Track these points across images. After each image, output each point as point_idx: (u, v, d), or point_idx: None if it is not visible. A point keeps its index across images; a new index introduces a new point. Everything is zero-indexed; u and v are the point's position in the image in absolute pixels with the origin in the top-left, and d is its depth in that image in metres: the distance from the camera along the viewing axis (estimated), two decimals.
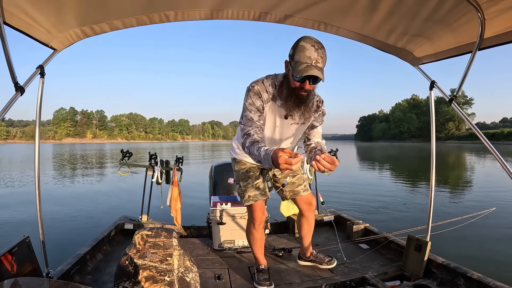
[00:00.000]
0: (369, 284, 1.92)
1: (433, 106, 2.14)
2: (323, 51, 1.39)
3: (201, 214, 3.60)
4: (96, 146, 64.40)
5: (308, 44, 1.37)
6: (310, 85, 1.45)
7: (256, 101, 1.57)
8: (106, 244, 2.58)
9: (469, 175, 12.19)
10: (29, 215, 5.15)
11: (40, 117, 1.75)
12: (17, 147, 61.39)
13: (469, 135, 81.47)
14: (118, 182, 9.41)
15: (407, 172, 13.65)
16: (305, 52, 1.36)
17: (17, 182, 9.37)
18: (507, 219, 5.05)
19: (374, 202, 6.61)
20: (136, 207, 3.40)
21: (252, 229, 1.99)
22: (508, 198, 6.92)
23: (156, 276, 1.22)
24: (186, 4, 1.66)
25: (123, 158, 2.99)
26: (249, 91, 1.59)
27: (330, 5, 1.66)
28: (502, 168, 1.54)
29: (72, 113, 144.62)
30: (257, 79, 1.64)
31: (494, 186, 8.79)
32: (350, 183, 9.24)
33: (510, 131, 70.44)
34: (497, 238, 4.14)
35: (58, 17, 1.55)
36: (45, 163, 17.24)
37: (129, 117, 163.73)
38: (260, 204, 1.94)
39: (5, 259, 1.51)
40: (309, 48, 1.36)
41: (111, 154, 30.09)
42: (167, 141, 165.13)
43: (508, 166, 1.50)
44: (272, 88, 1.60)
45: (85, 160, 20.83)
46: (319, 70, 1.36)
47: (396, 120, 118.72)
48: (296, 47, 1.40)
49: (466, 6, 1.44)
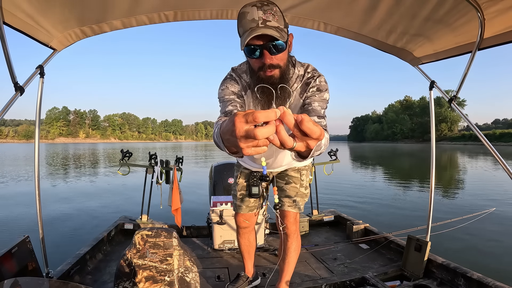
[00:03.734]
0: (369, 284, 1.92)
1: (433, 106, 2.14)
2: (273, 7, 1.05)
3: (201, 214, 3.60)
4: (89, 146, 64.49)
5: (248, 7, 1.04)
6: (272, 56, 1.09)
7: (232, 86, 1.29)
8: (106, 244, 2.58)
9: (468, 175, 12.18)
10: (29, 215, 5.15)
11: (39, 117, 1.75)
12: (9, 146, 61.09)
13: (461, 136, 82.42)
14: (118, 182, 9.41)
15: (407, 172, 13.66)
16: (246, 17, 1.03)
17: (16, 182, 9.39)
18: (506, 219, 5.05)
19: (374, 202, 6.61)
20: (136, 207, 3.40)
21: (237, 234, 1.91)
22: (508, 198, 6.92)
23: (156, 276, 1.22)
24: (186, 4, 1.66)
25: (123, 158, 2.99)
26: (226, 78, 1.35)
27: (330, 5, 1.66)
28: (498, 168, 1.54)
29: (65, 112, 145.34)
30: (235, 66, 1.39)
31: (494, 186, 8.79)
32: (350, 183, 9.24)
33: (502, 132, 70.82)
34: (497, 238, 4.14)
35: (58, 17, 1.55)
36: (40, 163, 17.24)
37: (122, 117, 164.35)
38: (243, 214, 1.79)
39: (5, 259, 1.51)
40: (249, 11, 1.03)
41: (107, 154, 30.08)
42: (160, 141, 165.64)
43: (508, 166, 1.50)
44: (247, 76, 1.32)
45: (83, 160, 20.82)
46: (270, 28, 1.02)
47: (389, 121, 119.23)
48: (237, 20, 1.09)
49: (466, 6, 1.44)
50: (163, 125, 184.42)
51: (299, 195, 1.64)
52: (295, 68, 1.31)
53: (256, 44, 1.06)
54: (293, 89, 1.31)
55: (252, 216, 1.81)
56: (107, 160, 20.71)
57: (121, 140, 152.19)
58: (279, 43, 1.06)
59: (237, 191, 1.77)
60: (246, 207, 1.77)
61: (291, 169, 1.68)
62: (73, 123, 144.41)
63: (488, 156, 22.19)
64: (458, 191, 8.29)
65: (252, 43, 1.05)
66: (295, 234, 1.66)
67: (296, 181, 1.65)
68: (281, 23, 1.07)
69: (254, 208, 1.78)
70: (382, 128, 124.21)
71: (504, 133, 67.70)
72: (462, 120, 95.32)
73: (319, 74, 1.31)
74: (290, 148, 0.57)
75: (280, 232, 1.68)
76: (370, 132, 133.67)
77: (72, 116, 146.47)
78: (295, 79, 1.30)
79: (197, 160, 20.08)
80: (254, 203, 1.77)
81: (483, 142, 1.63)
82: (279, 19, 1.06)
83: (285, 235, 1.65)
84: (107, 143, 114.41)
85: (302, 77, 1.31)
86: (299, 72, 1.31)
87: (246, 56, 1.14)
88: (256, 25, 1.02)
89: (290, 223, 1.62)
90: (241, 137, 0.55)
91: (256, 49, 1.07)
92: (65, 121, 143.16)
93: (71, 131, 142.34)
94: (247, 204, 1.76)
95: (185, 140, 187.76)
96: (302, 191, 1.66)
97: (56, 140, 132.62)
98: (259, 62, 1.11)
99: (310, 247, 2.64)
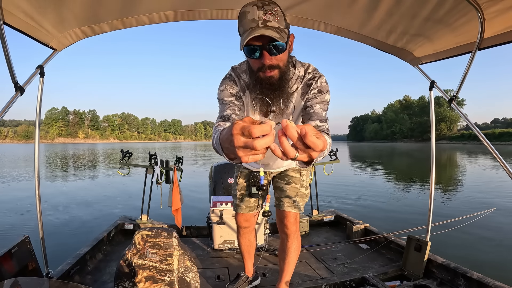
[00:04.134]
0: (369, 284, 1.92)
1: (433, 106, 2.14)
2: (274, 7, 1.04)
3: (201, 214, 3.60)
4: (88, 146, 64.48)
5: (249, 6, 1.03)
6: (272, 56, 1.08)
7: (230, 88, 1.28)
8: (106, 244, 2.58)
9: (468, 175, 12.19)
10: (29, 215, 5.15)
11: (40, 117, 1.75)
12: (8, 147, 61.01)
13: (461, 136, 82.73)
14: (118, 182, 9.41)
15: (406, 171, 13.65)
16: (247, 17, 1.02)
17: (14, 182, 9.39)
18: (507, 219, 5.05)
19: (374, 202, 6.61)
20: (136, 207, 3.40)
21: (237, 234, 1.92)
22: (508, 198, 6.92)
23: (156, 276, 1.22)
24: (185, 4, 1.66)
25: (123, 158, 2.99)
26: (225, 79, 1.33)
27: (330, 5, 1.66)
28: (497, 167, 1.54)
29: (64, 113, 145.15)
30: (235, 66, 1.37)
31: (494, 186, 8.79)
32: (349, 183, 9.24)
33: (501, 131, 70.92)
34: (497, 238, 4.14)
35: (58, 17, 1.55)
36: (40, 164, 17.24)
37: (121, 117, 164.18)
38: (243, 214, 1.80)
39: (5, 259, 1.51)
40: (250, 10, 1.02)
41: (106, 154, 30.07)
42: (160, 141, 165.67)
43: (507, 166, 1.50)
44: (246, 76, 1.30)
45: (83, 161, 20.82)
46: (269, 29, 1.00)
47: (388, 121, 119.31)
48: (238, 19, 1.08)
49: (466, 6, 1.44)
50: (162, 125, 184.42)
51: (299, 195, 1.63)
52: (296, 68, 1.29)
53: (256, 45, 1.05)
54: (293, 89, 1.29)
55: (252, 216, 1.81)
56: (107, 161, 20.71)
57: (120, 140, 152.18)
58: (279, 43, 1.05)
59: (237, 191, 1.77)
60: (246, 207, 1.77)
61: (291, 169, 1.68)
62: (72, 124, 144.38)
63: (488, 156, 22.23)
64: (458, 191, 8.29)
65: (251, 43, 1.04)
66: (295, 234, 1.65)
67: (297, 182, 1.64)
68: (281, 23, 1.05)
69: (254, 208, 1.78)
70: (381, 127, 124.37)
71: (503, 133, 67.83)
72: (461, 120, 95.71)
73: (320, 74, 1.29)
74: (293, 158, 0.57)
75: (280, 232, 1.69)
76: (369, 131, 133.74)
77: (71, 117, 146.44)
78: (295, 80, 1.29)
79: (197, 160, 20.08)
80: (254, 203, 1.76)
81: (483, 142, 1.63)
82: (280, 20, 1.05)
83: (285, 236, 1.65)
84: (106, 143, 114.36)
85: (303, 77, 1.29)
86: (299, 73, 1.30)
87: (246, 56, 1.12)
88: (256, 25, 1.01)
89: (290, 223, 1.61)
90: (240, 147, 0.56)
91: (256, 49, 1.06)
92: (64, 122, 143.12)
93: (70, 132, 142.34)
94: (247, 204, 1.76)
95: (184, 140, 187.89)
96: (302, 191, 1.64)
97: (55, 141, 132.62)
98: (258, 63, 1.10)
99: (310, 247, 2.64)
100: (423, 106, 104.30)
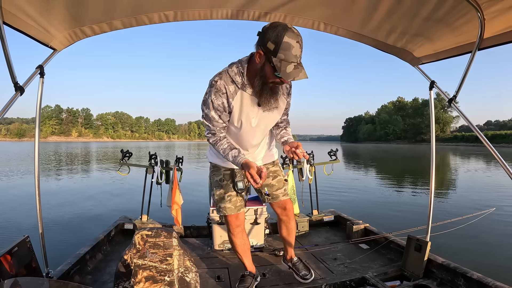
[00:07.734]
0: (369, 284, 1.92)
1: (433, 106, 2.14)
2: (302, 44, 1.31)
3: (201, 214, 3.60)
4: (81, 145, 64.09)
5: (293, 41, 1.26)
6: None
7: (217, 99, 1.48)
8: (106, 244, 2.58)
9: (466, 176, 12.19)
10: (29, 215, 5.15)
11: (39, 116, 1.75)
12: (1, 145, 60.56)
13: (454, 138, 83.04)
14: (118, 182, 9.41)
15: (406, 172, 13.65)
16: (291, 51, 1.26)
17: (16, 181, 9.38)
18: (507, 219, 5.05)
19: (374, 202, 6.61)
20: (136, 207, 3.39)
21: (230, 235, 1.89)
22: (508, 198, 6.92)
23: (156, 276, 1.22)
24: (185, 4, 1.66)
25: (123, 158, 2.99)
26: (211, 87, 1.49)
27: (329, 5, 1.66)
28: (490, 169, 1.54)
29: (57, 111, 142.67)
30: (220, 71, 1.52)
31: (493, 186, 8.79)
32: (349, 183, 9.24)
33: (494, 133, 71.01)
34: (497, 238, 4.14)
35: (58, 17, 1.55)
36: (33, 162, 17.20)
37: (115, 116, 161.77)
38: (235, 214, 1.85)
39: (5, 259, 1.51)
40: (295, 46, 1.26)
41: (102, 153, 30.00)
42: (153, 141, 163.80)
43: (507, 166, 1.50)
44: (240, 77, 1.48)
45: (79, 159, 20.80)
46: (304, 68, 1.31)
47: (382, 122, 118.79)
48: (279, 43, 1.26)
49: (466, 6, 1.44)
50: (156, 124, 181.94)
51: (284, 184, 1.92)
52: None
53: None
54: (282, 91, 1.63)
55: (242, 214, 1.89)
56: (104, 160, 20.66)
57: (114, 139, 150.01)
58: None
59: (224, 193, 1.81)
60: (235, 207, 1.81)
61: (270, 164, 1.91)
62: (65, 122, 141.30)
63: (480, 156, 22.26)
64: (458, 191, 8.29)
65: None
66: (292, 215, 2.02)
67: (279, 173, 1.93)
68: None
69: (241, 207, 1.85)
70: (375, 128, 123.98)
71: (496, 135, 67.84)
72: (454, 122, 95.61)
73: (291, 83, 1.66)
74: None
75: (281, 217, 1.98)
76: (363, 132, 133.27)
77: (65, 115, 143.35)
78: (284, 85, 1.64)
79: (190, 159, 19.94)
80: (241, 202, 1.84)
81: (483, 142, 1.64)
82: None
83: (287, 218, 1.97)
84: (99, 142, 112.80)
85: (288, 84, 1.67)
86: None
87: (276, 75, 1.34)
88: (298, 62, 1.29)
89: (289, 208, 1.95)
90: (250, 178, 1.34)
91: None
92: (58, 120, 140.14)
93: (63, 130, 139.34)
94: (235, 204, 1.81)
95: (178, 139, 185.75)
96: (283, 179, 1.93)
97: (48, 139, 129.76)
98: (279, 81, 1.39)
99: (310, 247, 2.64)
100: (416, 107, 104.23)
